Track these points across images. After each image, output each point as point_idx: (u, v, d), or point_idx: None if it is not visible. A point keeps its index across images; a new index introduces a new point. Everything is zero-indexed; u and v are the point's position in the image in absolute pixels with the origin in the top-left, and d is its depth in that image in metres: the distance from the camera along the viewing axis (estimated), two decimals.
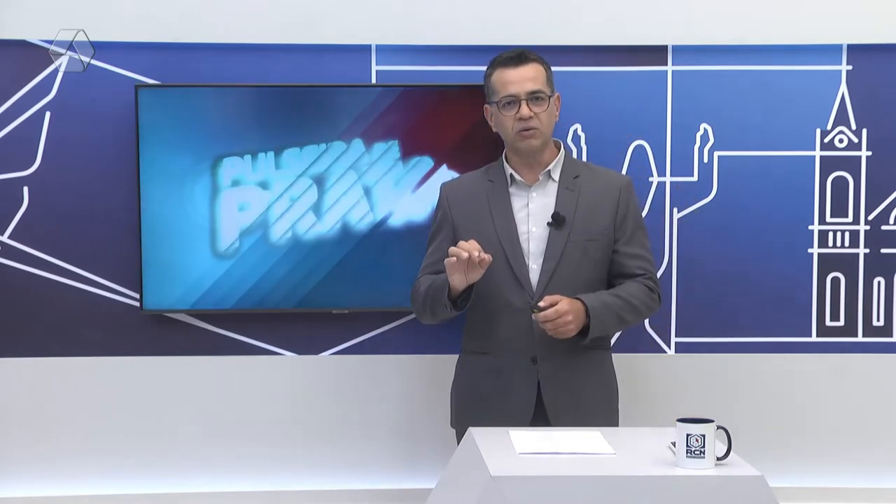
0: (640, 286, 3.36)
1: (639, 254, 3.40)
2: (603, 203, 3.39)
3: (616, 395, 3.46)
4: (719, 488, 2.58)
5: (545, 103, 3.35)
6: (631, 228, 3.41)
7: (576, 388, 3.35)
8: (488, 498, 2.54)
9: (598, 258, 3.37)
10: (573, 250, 3.33)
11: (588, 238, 3.35)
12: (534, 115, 3.33)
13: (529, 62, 3.37)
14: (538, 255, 3.34)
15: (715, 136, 4.01)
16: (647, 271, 3.40)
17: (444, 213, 3.48)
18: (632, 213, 3.42)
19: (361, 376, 4.02)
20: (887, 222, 4.04)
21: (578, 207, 3.36)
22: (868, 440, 4.06)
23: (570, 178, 3.40)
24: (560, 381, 3.33)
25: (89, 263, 3.95)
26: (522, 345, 3.33)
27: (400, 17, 3.91)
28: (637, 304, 3.34)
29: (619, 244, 3.39)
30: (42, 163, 3.92)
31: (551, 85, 3.40)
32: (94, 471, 3.99)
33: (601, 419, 3.31)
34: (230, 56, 3.91)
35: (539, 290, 3.31)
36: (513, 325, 3.34)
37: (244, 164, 3.88)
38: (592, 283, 3.36)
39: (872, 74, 3.99)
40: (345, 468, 4.03)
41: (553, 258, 3.32)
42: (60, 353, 3.96)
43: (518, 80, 3.35)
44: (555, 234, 3.34)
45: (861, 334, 4.06)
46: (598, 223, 3.37)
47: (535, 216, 3.37)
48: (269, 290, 3.92)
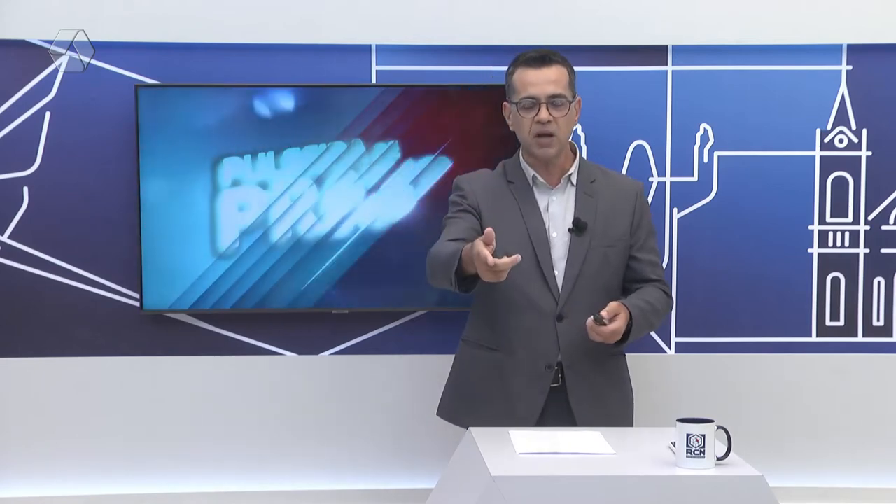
0: (659, 292, 3.37)
1: (653, 260, 3.41)
2: (620, 210, 3.38)
3: (632, 397, 3.47)
4: (719, 488, 2.59)
5: (565, 108, 3.30)
6: (645, 235, 3.41)
7: (602, 395, 3.35)
8: (488, 498, 2.54)
9: (617, 264, 3.37)
10: (594, 256, 3.32)
11: (607, 245, 3.34)
12: (552, 120, 3.28)
13: (553, 64, 3.32)
14: (559, 259, 3.32)
15: (715, 136, 4.01)
16: (661, 276, 3.42)
17: (469, 201, 3.36)
18: (646, 219, 3.43)
19: (361, 376, 4.02)
20: (887, 222, 4.04)
21: (598, 214, 3.34)
22: (868, 440, 4.06)
23: (587, 182, 3.38)
24: (587, 387, 3.31)
25: (89, 263, 3.95)
26: (540, 349, 3.30)
27: (400, 17, 3.91)
28: (660, 310, 3.36)
29: (634, 250, 3.39)
30: (42, 163, 3.92)
31: (573, 89, 3.35)
32: (94, 471, 3.98)
33: (620, 423, 3.31)
34: (230, 56, 3.91)
35: (564, 295, 3.29)
36: (533, 327, 3.31)
37: (244, 164, 3.88)
38: (611, 289, 3.35)
39: (872, 74, 3.99)
40: (345, 468, 4.03)
41: (576, 264, 3.30)
42: (60, 353, 3.96)
43: (539, 82, 3.29)
44: (576, 239, 3.31)
45: (861, 334, 4.06)
46: (616, 230, 3.36)
47: (554, 220, 3.34)
48: (269, 290, 3.92)
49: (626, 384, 3.45)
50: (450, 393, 3.50)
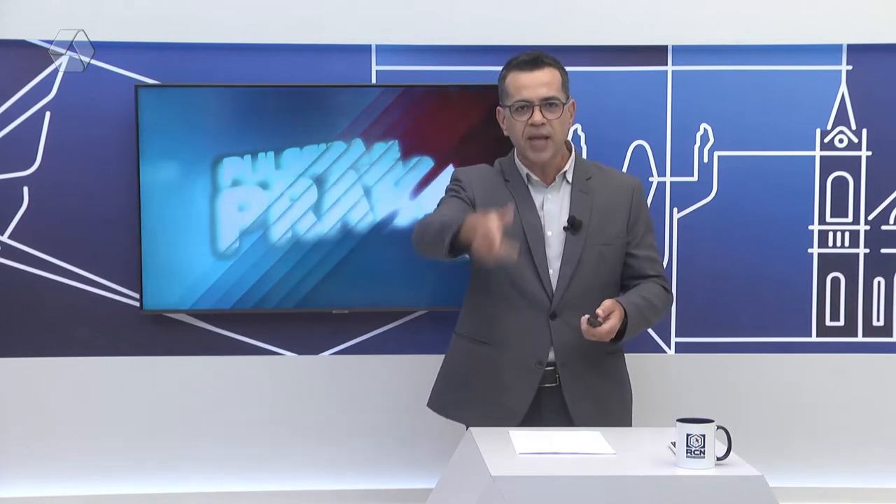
0: (657, 287, 3.34)
1: (651, 256, 3.39)
2: (616, 207, 3.36)
3: (630, 396, 3.46)
4: (719, 488, 2.59)
5: (559, 110, 3.28)
6: (643, 231, 3.39)
7: (600, 394, 3.33)
8: (488, 498, 2.54)
9: (613, 262, 3.35)
10: (590, 255, 3.30)
11: (603, 242, 3.32)
12: (546, 122, 3.26)
13: (545, 66, 3.29)
14: (555, 258, 3.31)
15: (715, 136, 4.01)
16: (659, 272, 3.39)
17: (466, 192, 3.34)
18: (643, 215, 3.40)
19: (361, 376, 4.02)
20: (887, 222, 4.04)
21: (593, 212, 3.32)
22: (868, 440, 4.06)
23: (582, 179, 3.36)
24: (583, 386, 3.30)
25: (89, 263, 3.95)
26: (532, 345, 3.30)
27: (400, 17, 3.91)
28: (658, 305, 3.33)
29: (632, 247, 3.36)
30: (42, 163, 3.92)
31: (567, 91, 3.33)
32: (94, 471, 3.99)
33: (618, 422, 3.30)
34: (230, 56, 3.91)
35: (559, 293, 3.28)
36: (526, 324, 3.30)
37: (244, 164, 3.88)
38: (608, 287, 3.34)
39: (872, 74, 3.99)
40: (345, 468, 4.03)
41: (571, 262, 3.29)
42: (60, 353, 3.96)
43: (532, 85, 3.27)
44: (571, 238, 3.30)
45: (861, 334, 4.06)
46: (612, 227, 3.34)
47: (550, 218, 3.33)
48: (269, 290, 3.92)
49: (625, 383, 3.44)
50: (440, 385, 3.49)
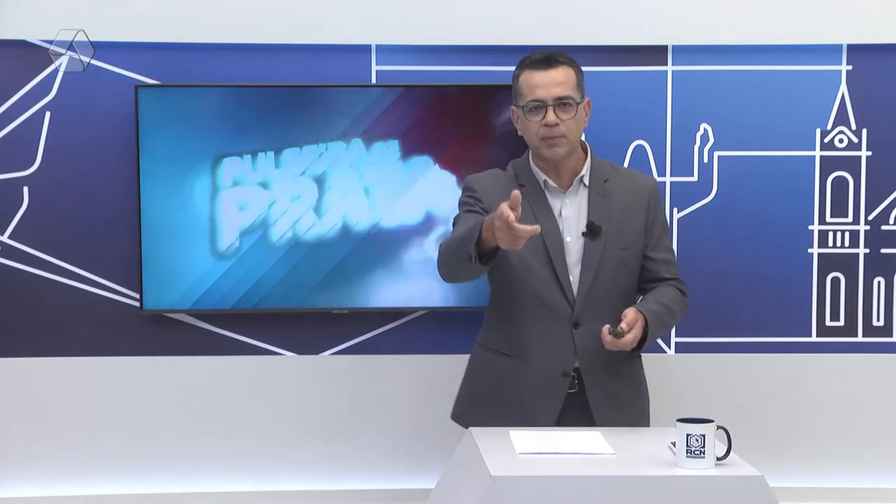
0: (675, 291, 3.29)
1: (667, 258, 3.34)
2: (634, 210, 3.29)
3: (648, 398, 3.41)
4: (719, 488, 2.58)
5: (573, 110, 3.21)
6: (659, 232, 3.33)
7: (622, 399, 3.28)
8: (488, 498, 2.54)
9: (632, 266, 3.29)
10: (610, 260, 3.24)
11: (623, 247, 3.26)
12: (560, 122, 3.19)
13: (559, 65, 3.22)
14: (574, 265, 3.24)
15: (715, 136, 4.01)
16: (675, 275, 3.34)
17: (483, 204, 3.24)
18: (660, 217, 3.35)
19: (361, 376, 4.02)
20: (887, 222, 4.04)
21: (612, 216, 3.25)
22: (868, 440, 4.06)
23: (599, 182, 3.28)
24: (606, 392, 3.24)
25: (89, 263, 3.95)
26: (556, 356, 3.23)
27: (400, 17, 3.91)
28: (676, 310, 3.28)
29: (649, 250, 3.31)
30: (42, 163, 3.92)
31: (581, 90, 3.26)
32: (94, 471, 3.99)
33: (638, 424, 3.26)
34: (230, 56, 3.91)
35: (580, 300, 3.22)
36: (549, 334, 3.23)
37: (244, 164, 3.88)
38: (628, 292, 3.29)
39: (872, 74, 3.99)
40: (345, 468, 4.03)
41: (591, 269, 3.22)
42: (60, 353, 3.96)
43: (545, 84, 3.19)
44: (590, 243, 3.23)
45: (861, 334, 4.06)
46: (630, 231, 3.28)
47: (568, 225, 3.26)
48: (269, 290, 3.92)
49: (643, 385, 3.39)
50: (464, 398, 3.42)
